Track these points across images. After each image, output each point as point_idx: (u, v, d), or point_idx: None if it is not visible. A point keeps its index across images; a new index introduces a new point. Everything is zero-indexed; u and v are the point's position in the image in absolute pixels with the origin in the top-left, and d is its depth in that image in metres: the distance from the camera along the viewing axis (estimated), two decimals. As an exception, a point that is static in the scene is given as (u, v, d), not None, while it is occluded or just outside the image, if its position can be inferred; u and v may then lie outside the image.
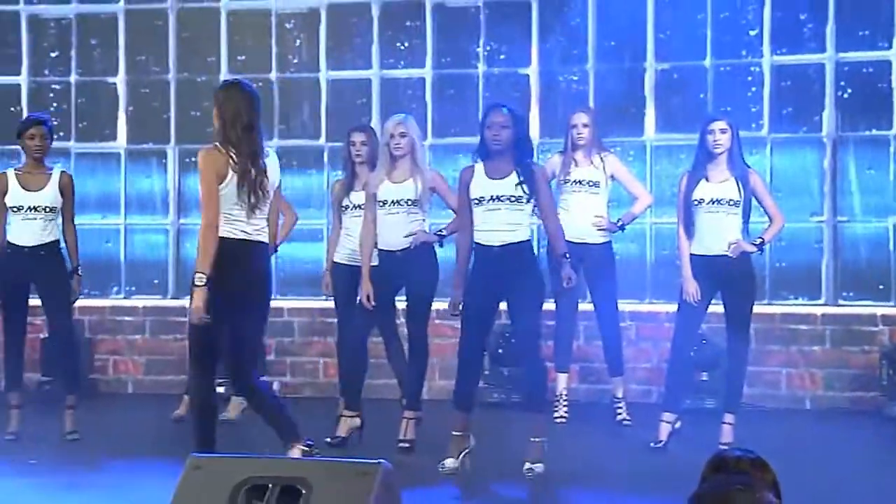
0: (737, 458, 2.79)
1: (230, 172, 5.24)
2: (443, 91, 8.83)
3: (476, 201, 5.93)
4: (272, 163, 5.44)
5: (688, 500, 2.33)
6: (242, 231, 5.32)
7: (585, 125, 7.29)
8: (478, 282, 5.96)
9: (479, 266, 6.01)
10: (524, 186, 5.89)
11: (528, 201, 5.91)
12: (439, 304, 6.91)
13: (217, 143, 5.32)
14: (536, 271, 6.01)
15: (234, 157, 5.25)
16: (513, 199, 5.89)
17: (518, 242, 5.91)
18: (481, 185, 5.93)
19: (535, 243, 6.89)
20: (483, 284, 5.93)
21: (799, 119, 8.39)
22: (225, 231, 5.26)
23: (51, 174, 6.99)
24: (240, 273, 5.31)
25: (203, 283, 5.20)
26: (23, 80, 9.26)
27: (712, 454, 2.94)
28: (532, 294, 5.94)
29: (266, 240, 5.46)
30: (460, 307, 6.04)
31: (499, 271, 5.87)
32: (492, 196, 5.88)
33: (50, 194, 6.92)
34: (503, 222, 5.88)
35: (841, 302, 8.29)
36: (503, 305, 6.15)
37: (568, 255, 6.06)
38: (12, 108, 9.09)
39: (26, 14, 9.24)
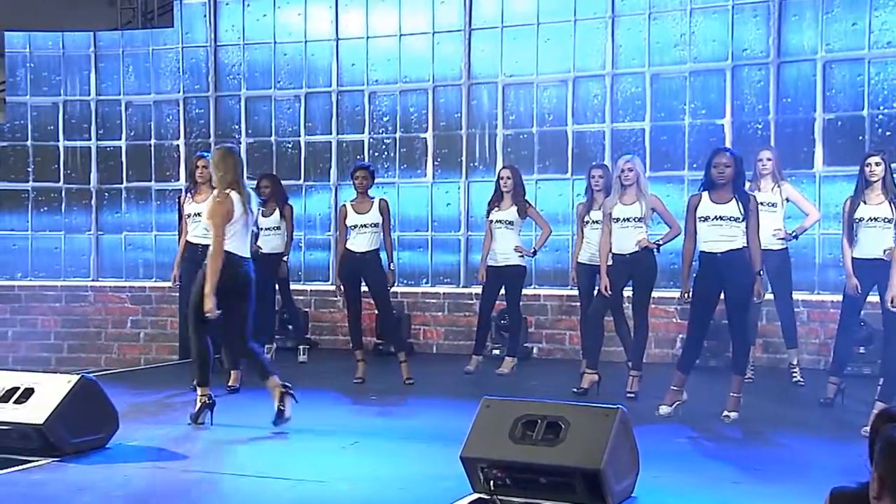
0: None
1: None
2: (658, 137, 8.62)
3: (702, 219, 5.68)
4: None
5: (883, 442, 2.15)
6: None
7: (769, 159, 6.94)
8: (706, 279, 5.69)
9: (704, 267, 5.72)
10: (741, 210, 5.64)
11: (742, 220, 5.63)
12: (656, 293, 6.76)
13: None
14: (747, 271, 5.65)
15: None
16: (733, 218, 5.62)
17: (735, 250, 5.63)
18: (707, 207, 5.67)
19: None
20: (710, 281, 5.67)
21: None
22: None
23: (373, 201, 7.06)
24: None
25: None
26: (365, 137, 9.63)
27: (880, 409, 2.74)
28: (744, 288, 5.65)
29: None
30: (688, 296, 5.82)
31: (721, 271, 5.62)
32: (716, 216, 5.63)
33: (373, 215, 7.03)
34: (724, 235, 5.62)
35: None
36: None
37: (762, 273, 5.75)
38: (359, 157, 9.42)
39: (369, 93, 9.58)
